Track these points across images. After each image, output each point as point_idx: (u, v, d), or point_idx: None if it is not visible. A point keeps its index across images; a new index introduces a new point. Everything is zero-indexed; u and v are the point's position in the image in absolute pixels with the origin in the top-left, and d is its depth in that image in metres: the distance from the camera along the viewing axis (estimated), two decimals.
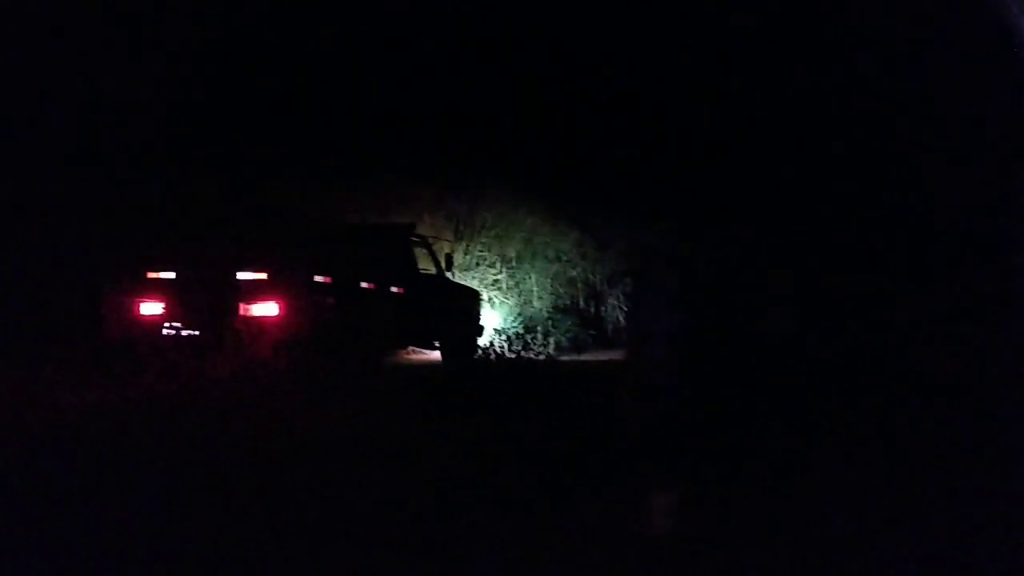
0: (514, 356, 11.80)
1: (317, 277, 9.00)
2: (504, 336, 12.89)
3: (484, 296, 13.29)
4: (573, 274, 14.75)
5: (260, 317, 8.42)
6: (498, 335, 12.85)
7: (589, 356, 12.92)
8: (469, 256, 14.06)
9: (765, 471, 5.24)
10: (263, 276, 8.61)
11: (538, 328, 13.56)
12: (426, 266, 11.05)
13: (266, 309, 8.46)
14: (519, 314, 14.00)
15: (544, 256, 14.59)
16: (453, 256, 12.01)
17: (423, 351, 11.75)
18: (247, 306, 8.47)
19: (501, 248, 14.34)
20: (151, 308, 8.78)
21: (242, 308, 8.46)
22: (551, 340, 13.40)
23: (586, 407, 7.08)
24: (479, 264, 14.14)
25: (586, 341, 14.16)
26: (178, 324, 8.68)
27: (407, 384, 9.08)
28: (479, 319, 12.11)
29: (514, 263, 14.36)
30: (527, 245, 14.53)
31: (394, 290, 10.17)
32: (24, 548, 3.85)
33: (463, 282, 12.74)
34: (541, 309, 14.22)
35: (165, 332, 8.66)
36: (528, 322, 13.73)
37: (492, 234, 14.34)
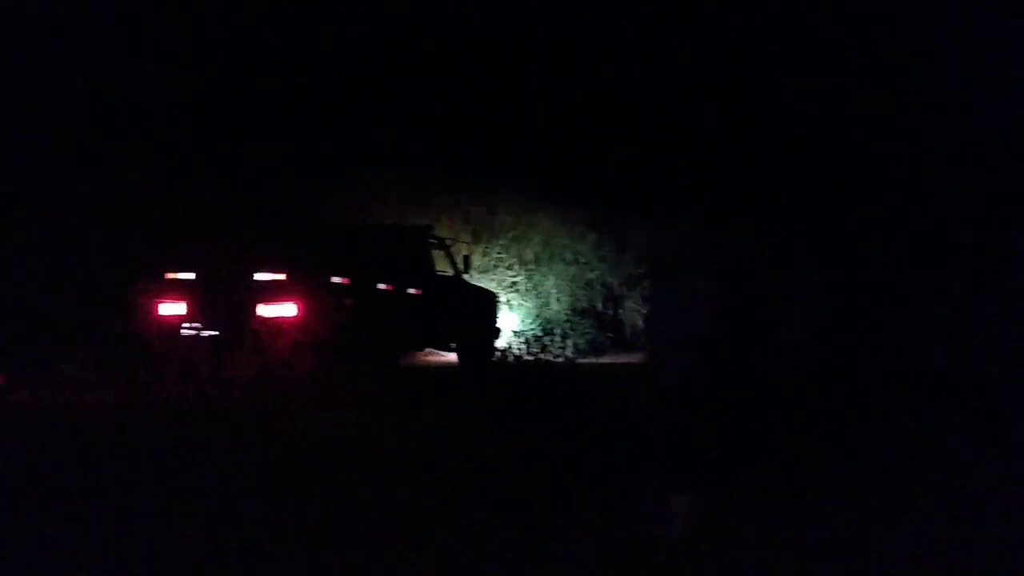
0: (532, 358, 11.76)
1: (335, 278, 9.01)
2: (522, 338, 12.86)
3: (502, 298, 13.27)
4: (591, 276, 14.70)
5: (278, 317, 8.43)
6: (516, 337, 12.83)
7: (608, 359, 12.86)
8: (487, 258, 14.05)
9: (784, 476, 5.18)
10: (281, 277, 8.63)
11: (556, 330, 13.52)
12: (443, 268, 11.04)
13: (284, 310, 8.48)
14: (537, 316, 13.97)
15: (562, 258, 14.55)
16: (471, 258, 11.99)
17: (440, 353, 11.74)
18: (265, 306, 8.49)
19: (519, 250, 14.32)
20: (170, 308, 8.82)
21: (260, 308, 8.48)
22: (569, 343, 13.36)
23: (604, 410, 7.04)
24: (497, 266, 14.13)
25: (604, 344, 14.10)
26: (197, 324, 8.72)
27: (424, 385, 9.07)
28: (496, 321, 12.09)
29: (532, 265, 14.33)
30: (545, 247, 14.50)
31: (412, 291, 10.17)
32: (44, 547, 3.86)
33: (480, 284, 12.73)
34: (559, 311, 14.18)
35: (184, 332, 8.70)
36: (546, 324, 13.69)
37: (510, 236, 14.33)
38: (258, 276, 8.65)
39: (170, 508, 4.42)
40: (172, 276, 8.93)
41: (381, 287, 9.69)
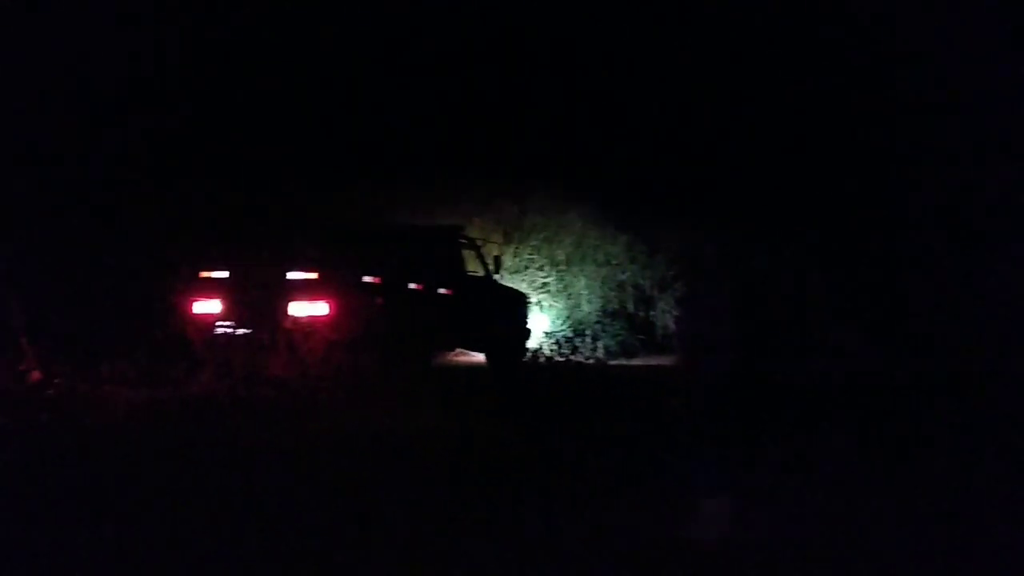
0: (563, 360, 11.72)
1: (366, 278, 9.05)
2: (553, 339, 12.82)
3: (532, 299, 13.25)
4: (623, 278, 14.60)
5: (310, 317, 8.49)
6: (547, 338, 12.79)
7: (639, 361, 12.77)
8: (518, 259, 14.03)
9: (816, 480, 5.12)
10: (313, 276, 8.68)
11: (587, 332, 13.46)
12: (474, 268, 11.04)
13: (316, 309, 8.53)
14: (568, 317, 13.92)
15: (593, 259, 14.49)
16: (502, 258, 11.98)
17: (471, 353, 11.75)
18: (297, 305, 8.55)
19: (550, 251, 14.28)
20: (204, 307, 8.91)
21: (292, 308, 8.54)
22: (600, 344, 13.29)
23: (635, 412, 6.99)
24: (528, 267, 14.10)
25: (635, 346, 14.00)
26: (231, 323, 8.79)
27: (454, 386, 9.06)
28: (527, 322, 12.06)
29: (563, 266, 14.28)
30: (577, 248, 14.44)
31: (442, 292, 10.18)
32: (81, 542, 3.91)
33: (511, 285, 12.71)
34: (590, 313, 14.11)
35: (218, 331, 8.78)
36: (577, 326, 13.64)
37: (541, 237, 14.30)
38: (290, 275, 8.72)
39: (196, 505, 4.45)
40: (207, 275, 9.03)
41: (412, 287, 9.71)
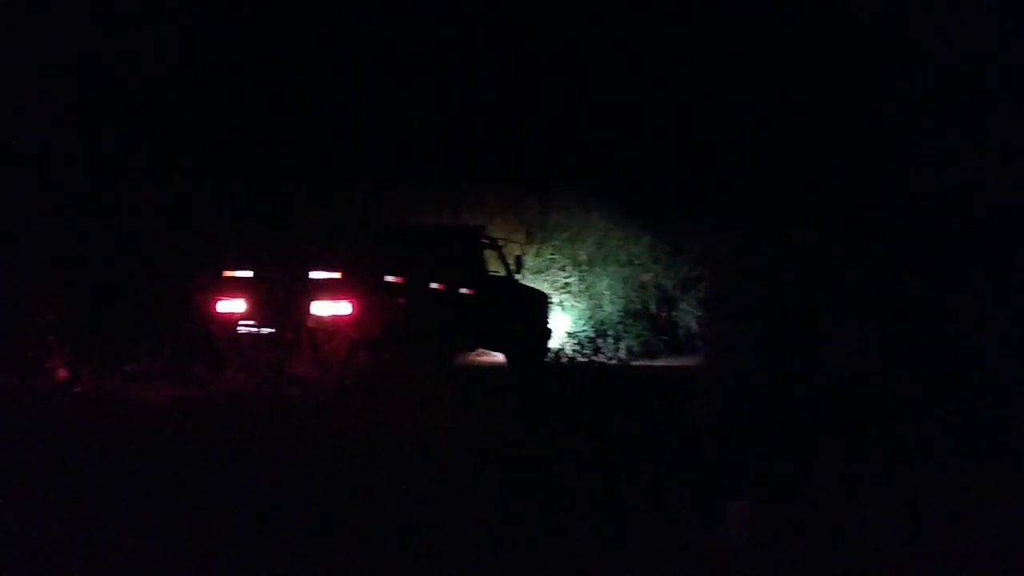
0: (585, 360, 11.68)
1: (389, 277, 9.06)
2: (575, 340, 12.78)
3: (554, 299, 13.21)
4: (645, 278, 14.53)
5: (333, 316, 8.51)
6: (569, 338, 12.75)
7: (661, 362, 12.70)
8: (540, 259, 14.00)
9: (841, 482, 5.06)
10: (336, 275, 8.71)
11: (609, 332, 13.39)
12: (496, 268, 11.03)
13: (338, 308, 8.55)
14: (590, 318, 13.86)
15: (616, 260, 14.42)
16: (524, 258, 11.96)
17: (492, 353, 11.73)
18: (320, 305, 8.58)
19: (573, 251, 14.24)
20: (228, 306, 8.97)
21: (315, 307, 8.57)
22: (622, 345, 13.23)
23: (659, 413, 6.94)
24: (550, 267, 14.07)
25: (658, 347, 13.92)
26: (254, 322, 8.84)
27: (474, 386, 9.05)
28: (548, 322, 12.02)
29: (585, 266, 14.24)
30: (599, 248, 14.39)
31: (464, 291, 10.18)
32: (104, 538, 3.93)
33: (533, 285, 12.69)
34: (612, 313, 14.05)
35: (242, 329, 8.83)
36: (599, 326, 13.58)
37: (564, 237, 14.26)
38: (313, 275, 8.75)
39: (219, 503, 4.47)
40: (230, 274, 9.08)
41: (434, 287, 9.71)
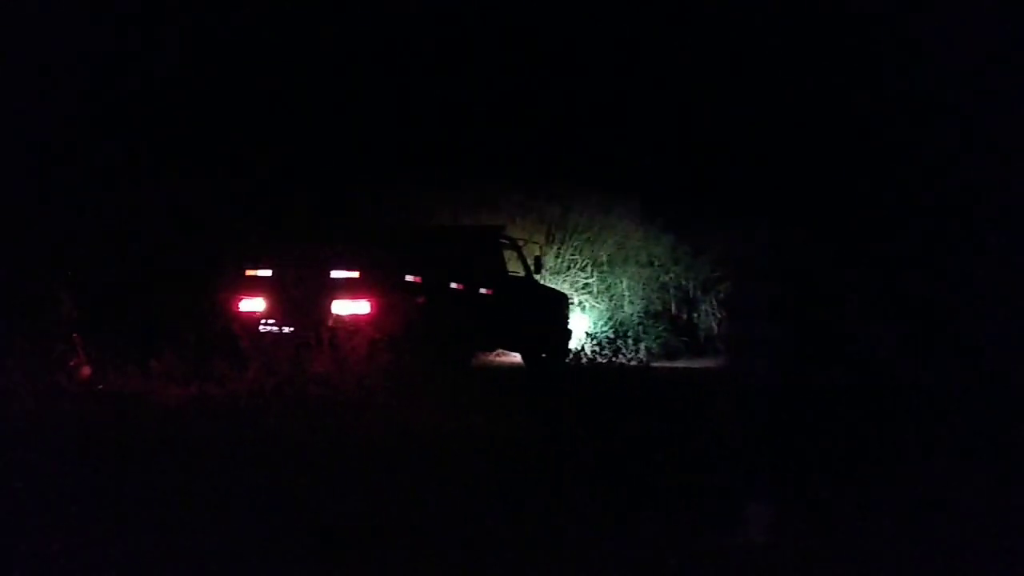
0: (605, 361, 11.64)
1: (408, 277, 9.07)
2: (595, 340, 12.74)
3: (574, 300, 13.17)
4: (666, 279, 14.47)
5: (352, 315, 8.53)
6: (589, 339, 12.72)
7: (682, 363, 12.62)
8: (560, 259, 13.97)
9: (866, 484, 4.99)
10: (355, 275, 8.73)
11: (629, 333, 13.34)
12: (515, 268, 11.01)
13: (358, 307, 8.57)
14: (610, 318, 13.81)
15: (636, 260, 14.37)
16: (543, 259, 11.93)
17: (510, 354, 11.72)
18: (340, 304, 8.60)
19: (593, 251, 14.20)
20: (249, 305, 9.01)
21: (335, 306, 8.59)
22: (642, 346, 13.17)
23: (679, 414, 6.89)
24: (570, 267, 14.04)
25: (678, 348, 13.85)
26: (275, 321, 8.88)
27: (492, 386, 9.03)
28: (567, 322, 11.99)
29: (606, 267, 14.19)
30: (619, 249, 14.34)
31: (483, 292, 10.17)
32: (125, 536, 3.96)
33: (552, 285, 12.66)
34: (632, 314, 14.00)
35: (263, 328, 8.87)
36: (619, 327, 13.53)
37: (584, 237, 14.22)
38: (334, 274, 8.77)
39: (241, 501, 4.49)
40: (251, 273, 9.13)
41: (453, 287, 9.71)
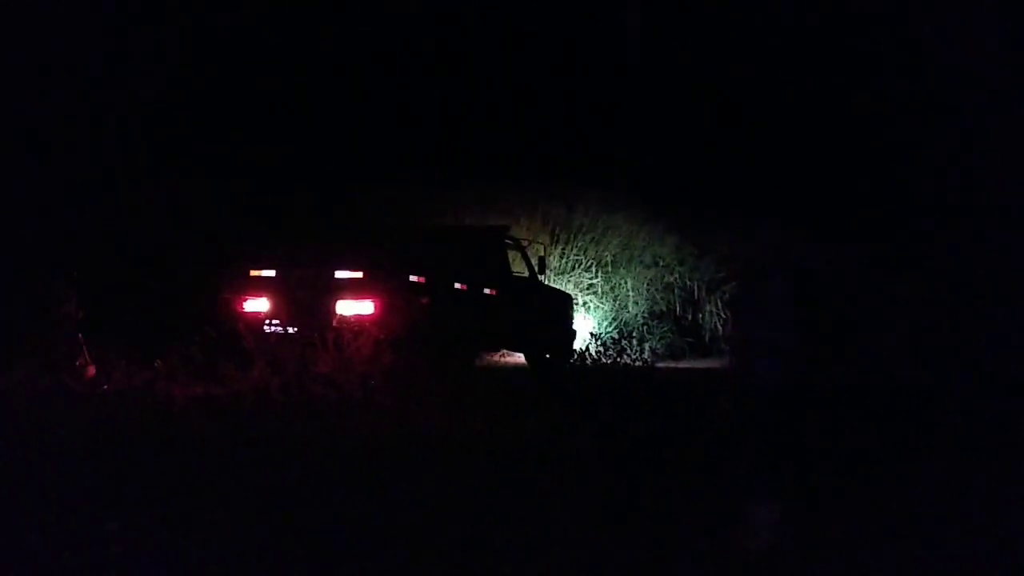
0: (609, 361, 11.63)
1: (412, 277, 9.07)
2: (599, 341, 12.73)
3: (578, 300, 13.15)
4: (670, 280, 14.44)
5: (356, 315, 8.53)
6: (593, 340, 12.71)
7: (686, 364, 12.60)
8: (565, 259, 13.96)
9: (871, 488, 4.97)
10: (359, 275, 8.73)
11: (633, 334, 13.32)
12: (519, 269, 11.00)
13: (362, 307, 8.57)
14: (614, 319, 13.80)
15: (641, 261, 14.35)
16: (548, 259, 11.92)
17: (514, 354, 11.71)
18: (344, 304, 8.61)
19: (597, 252, 14.18)
20: (254, 305, 9.02)
21: (339, 306, 8.60)
22: (646, 346, 13.15)
23: (683, 416, 6.88)
24: (575, 268, 14.03)
25: (683, 349, 13.83)
26: (279, 321, 8.89)
27: (496, 387, 9.03)
28: (571, 323, 11.98)
29: (610, 267, 14.18)
30: (624, 249, 14.31)
31: (487, 292, 10.17)
32: (132, 536, 3.97)
33: (557, 286, 12.65)
34: (636, 315, 13.97)
35: (267, 329, 8.88)
36: (623, 327, 13.51)
37: (589, 238, 14.20)
38: (338, 275, 8.78)
39: (246, 501, 4.50)
40: (256, 274, 9.14)
41: (457, 287, 9.71)
